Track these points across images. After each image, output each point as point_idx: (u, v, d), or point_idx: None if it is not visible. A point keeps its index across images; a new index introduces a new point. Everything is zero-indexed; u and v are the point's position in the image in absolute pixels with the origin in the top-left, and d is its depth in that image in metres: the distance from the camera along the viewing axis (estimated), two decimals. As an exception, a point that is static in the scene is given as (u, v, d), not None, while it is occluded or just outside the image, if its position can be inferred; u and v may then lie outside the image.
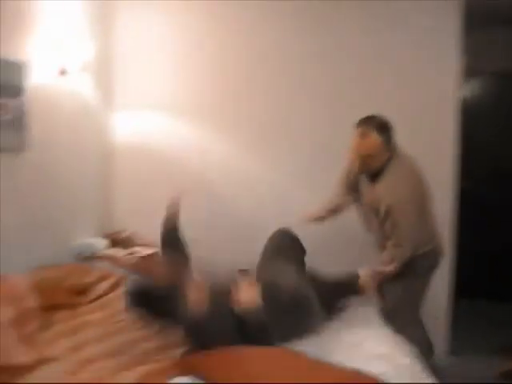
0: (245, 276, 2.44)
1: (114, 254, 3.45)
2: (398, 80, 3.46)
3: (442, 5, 3.34)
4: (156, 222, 2.88)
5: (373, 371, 1.86)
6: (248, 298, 2.20)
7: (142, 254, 3.41)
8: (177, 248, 2.61)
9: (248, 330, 2.12)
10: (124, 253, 3.48)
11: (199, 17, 3.73)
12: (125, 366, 2.09)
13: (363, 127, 2.76)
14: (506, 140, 4.70)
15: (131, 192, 3.93)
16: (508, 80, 4.67)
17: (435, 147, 3.41)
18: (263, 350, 2.05)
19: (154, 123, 3.86)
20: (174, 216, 2.72)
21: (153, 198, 3.82)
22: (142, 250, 3.46)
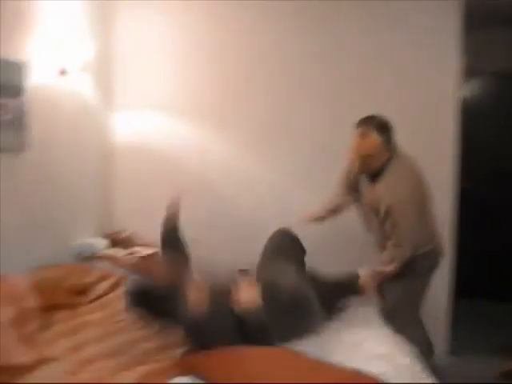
0: (245, 276, 2.44)
1: (114, 254, 3.45)
2: (398, 80, 3.46)
3: (442, 5, 3.34)
4: (156, 222, 2.88)
5: (373, 371, 1.86)
6: (248, 298, 2.20)
7: (142, 254, 3.41)
8: (177, 248, 2.62)
9: (248, 330, 2.12)
10: (124, 253, 3.48)
11: (199, 17, 3.73)
12: (125, 366, 2.09)
13: (363, 127, 2.76)
14: (506, 140, 4.70)
15: (131, 192, 3.93)
16: (508, 80, 4.67)
17: (435, 147, 3.41)
18: (263, 350, 2.05)
19: (154, 123, 3.87)
20: (174, 216, 2.72)
21: (153, 198, 3.83)
22: (142, 250, 3.46)
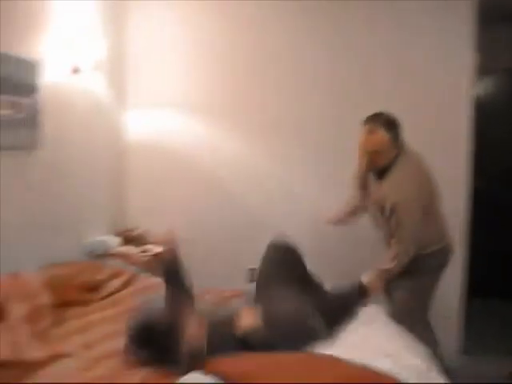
0: (245, 305, 2.42)
1: (127, 252, 3.47)
2: (412, 79, 3.45)
3: (455, 3, 3.31)
4: (168, 220, 2.88)
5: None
6: (249, 322, 2.19)
7: (155, 252, 3.43)
8: (179, 287, 2.52)
9: (251, 350, 2.09)
10: (136, 251, 3.49)
11: (211, 16, 3.74)
12: (136, 363, 2.09)
13: (371, 124, 2.75)
14: (520, 138, 4.65)
15: (144, 190, 3.95)
16: (522, 77, 4.63)
17: (449, 146, 3.39)
18: (283, 356, 2.02)
19: (167, 122, 3.88)
20: (174, 260, 2.59)
21: (165, 196, 3.86)
22: (155, 248, 3.47)
